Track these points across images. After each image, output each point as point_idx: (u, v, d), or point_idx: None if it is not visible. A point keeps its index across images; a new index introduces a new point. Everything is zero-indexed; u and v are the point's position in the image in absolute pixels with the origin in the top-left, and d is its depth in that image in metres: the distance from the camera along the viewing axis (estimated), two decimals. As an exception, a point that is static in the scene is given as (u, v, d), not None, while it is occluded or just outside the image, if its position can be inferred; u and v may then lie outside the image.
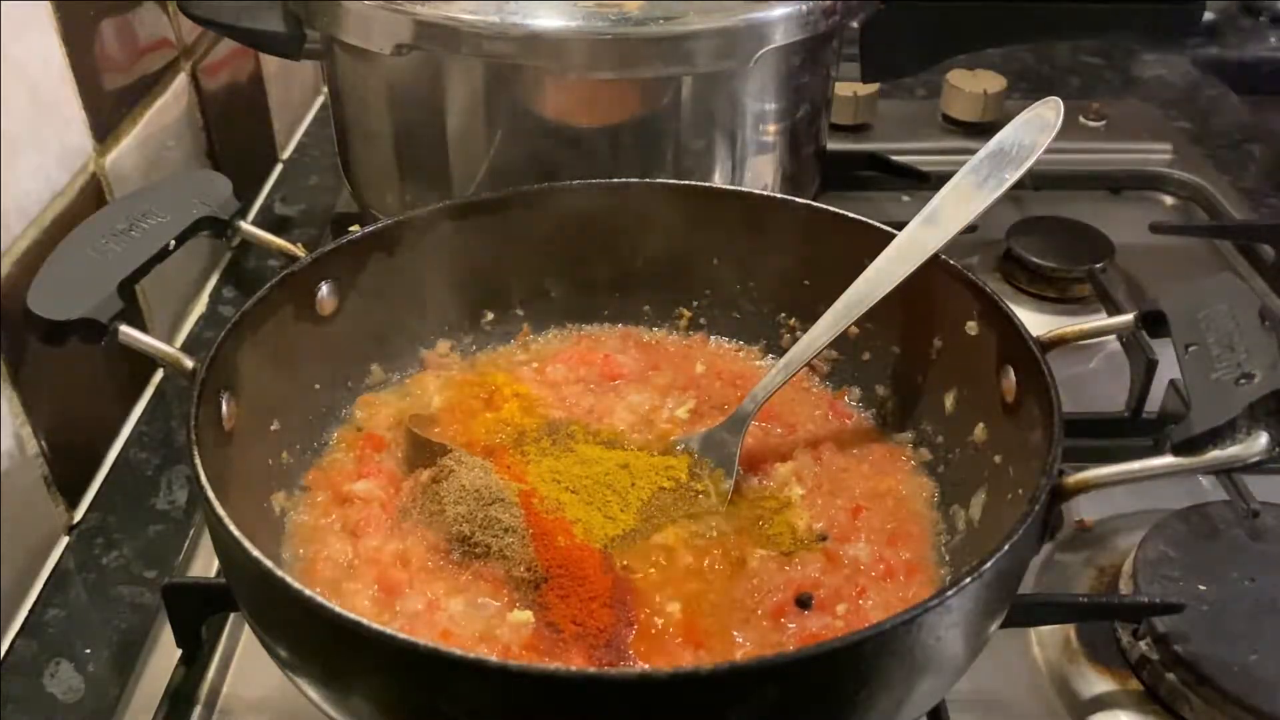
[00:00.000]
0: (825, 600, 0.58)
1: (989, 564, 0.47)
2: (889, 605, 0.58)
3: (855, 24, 0.86)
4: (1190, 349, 0.51)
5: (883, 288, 0.64)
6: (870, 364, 0.73)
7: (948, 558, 0.62)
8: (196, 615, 0.64)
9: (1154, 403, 0.78)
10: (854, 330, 0.70)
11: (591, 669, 0.50)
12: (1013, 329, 0.60)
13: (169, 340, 0.72)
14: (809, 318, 0.73)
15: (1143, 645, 0.63)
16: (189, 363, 0.57)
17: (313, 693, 0.50)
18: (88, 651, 0.67)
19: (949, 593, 0.45)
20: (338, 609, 0.44)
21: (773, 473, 0.67)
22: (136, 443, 0.82)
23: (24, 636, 0.68)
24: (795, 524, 0.64)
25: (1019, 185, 1.10)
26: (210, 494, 0.50)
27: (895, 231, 0.68)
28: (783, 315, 0.76)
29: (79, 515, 0.75)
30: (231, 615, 0.68)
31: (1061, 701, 0.63)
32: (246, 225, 0.67)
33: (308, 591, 0.45)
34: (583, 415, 0.71)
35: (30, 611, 0.69)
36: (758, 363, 0.76)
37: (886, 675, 0.47)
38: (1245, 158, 1.19)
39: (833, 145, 0.99)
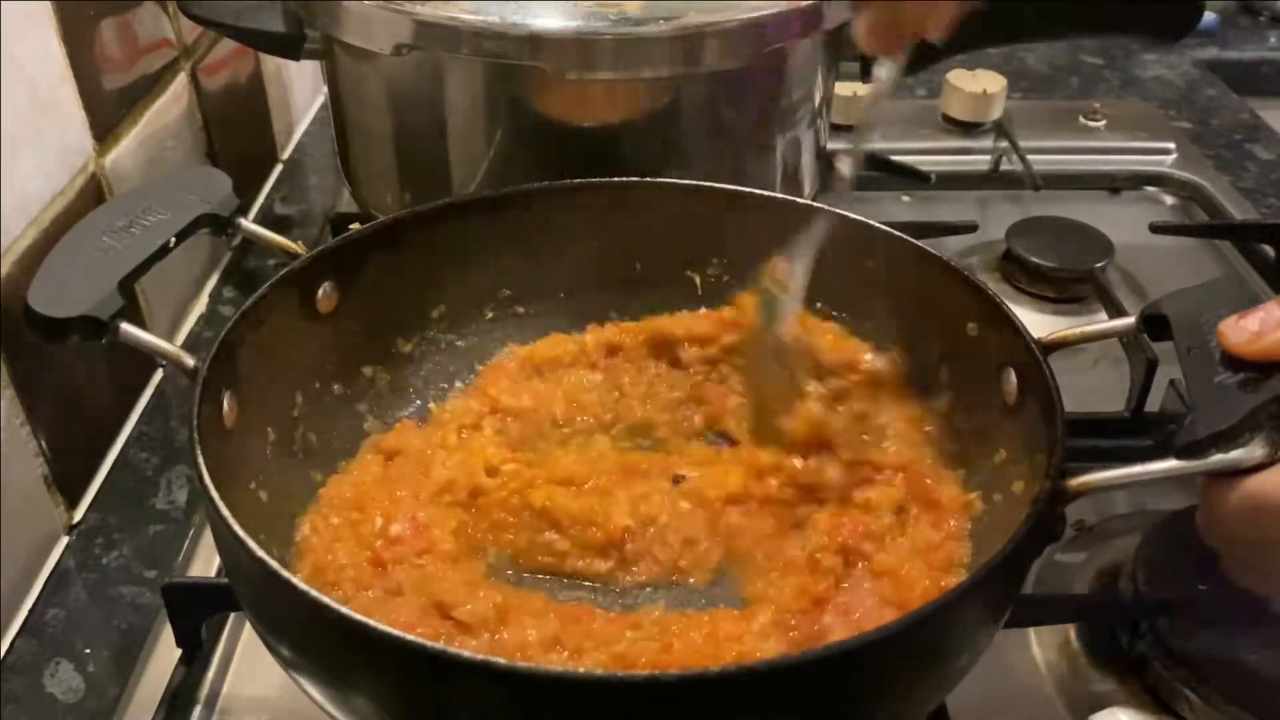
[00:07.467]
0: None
1: (991, 567, 0.47)
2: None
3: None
4: (1192, 352, 0.51)
5: None
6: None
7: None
8: (197, 615, 0.64)
9: (1154, 402, 0.78)
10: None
11: (599, 670, 0.50)
12: (1014, 331, 0.60)
13: (169, 339, 0.73)
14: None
15: (1143, 645, 0.63)
16: (190, 361, 0.57)
17: (315, 692, 0.50)
18: (88, 651, 0.67)
19: (952, 596, 0.45)
20: (343, 609, 0.44)
21: None
22: (136, 443, 0.81)
23: (24, 636, 0.68)
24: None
25: (1019, 185, 1.12)
26: (214, 492, 0.50)
27: (895, 232, 0.68)
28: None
29: (79, 515, 0.75)
30: (231, 615, 0.68)
31: (1061, 701, 0.64)
32: (247, 223, 0.67)
33: (312, 591, 0.45)
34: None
35: (30, 611, 0.69)
36: None
37: (892, 677, 0.47)
38: (1245, 158, 1.19)
39: (833, 145, 0.99)
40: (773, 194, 0.74)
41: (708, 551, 0.62)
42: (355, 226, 0.69)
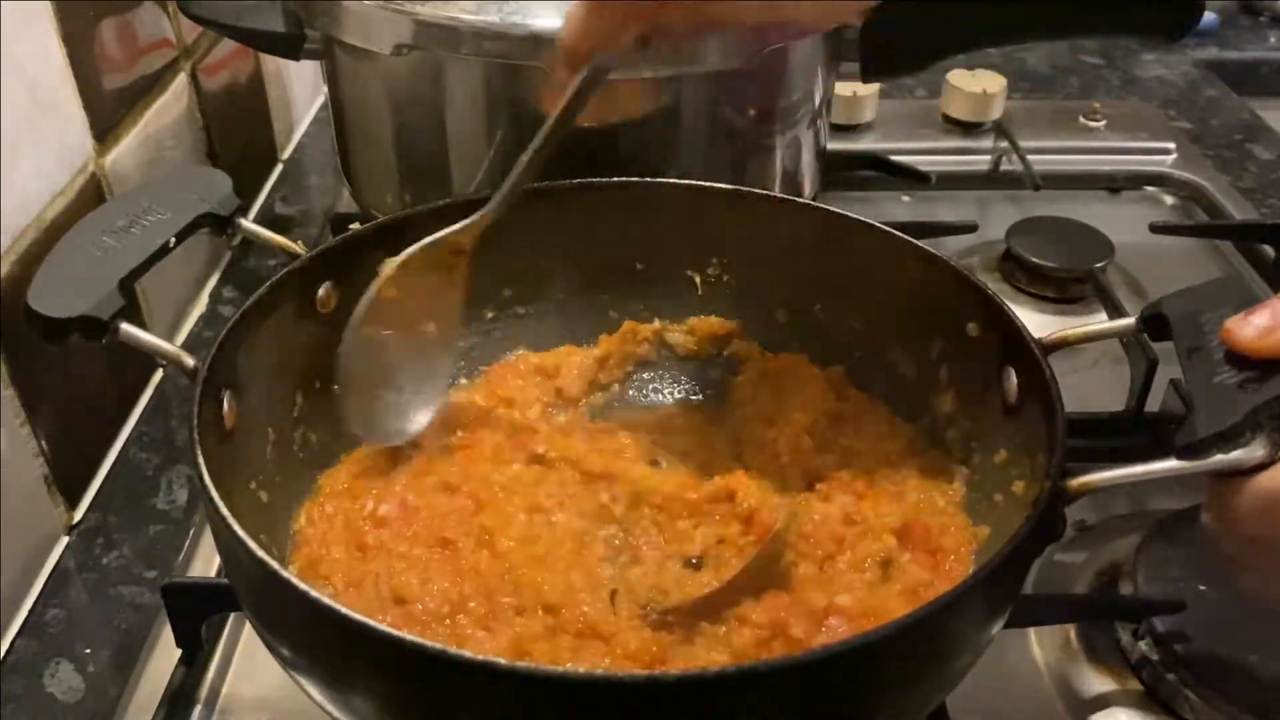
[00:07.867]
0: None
1: (992, 567, 0.47)
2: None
3: (855, 23, 0.86)
4: (1192, 352, 0.51)
5: None
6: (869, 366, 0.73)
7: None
8: (196, 615, 0.64)
9: (1154, 402, 0.78)
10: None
11: (599, 670, 0.50)
12: (1014, 331, 0.60)
13: (169, 339, 0.73)
14: (808, 317, 0.73)
15: (1143, 645, 0.63)
16: (190, 361, 0.57)
17: (315, 692, 0.50)
18: (88, 651, 0.67)
19: (952, 596, 0.45)
20: (343, 609, 0.44)
21: None
22: (136, 443, 0.82)
23: (24, 636, 0.68)
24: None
25: (1019, 185, 1.11)
26: (214, 493, 0.50)
27: (896, 232, 0.68)
28: (781, 314, 0.76)
29: (79, 515, 0.75)
30: (231, 615, 0.68)
31: (1061, 701, 0.64)
32: (247, 223, 0.67)
33: (313, 593, 0.45)
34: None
35: (30, 611, 0.69)
36: None
37: (892, 678, 0.47)
38: (1245, 158, 1.19)
39: (833, 145, 0.99)
40: (773, 194, 0.74)
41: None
42: (355, 226, 0.69)
